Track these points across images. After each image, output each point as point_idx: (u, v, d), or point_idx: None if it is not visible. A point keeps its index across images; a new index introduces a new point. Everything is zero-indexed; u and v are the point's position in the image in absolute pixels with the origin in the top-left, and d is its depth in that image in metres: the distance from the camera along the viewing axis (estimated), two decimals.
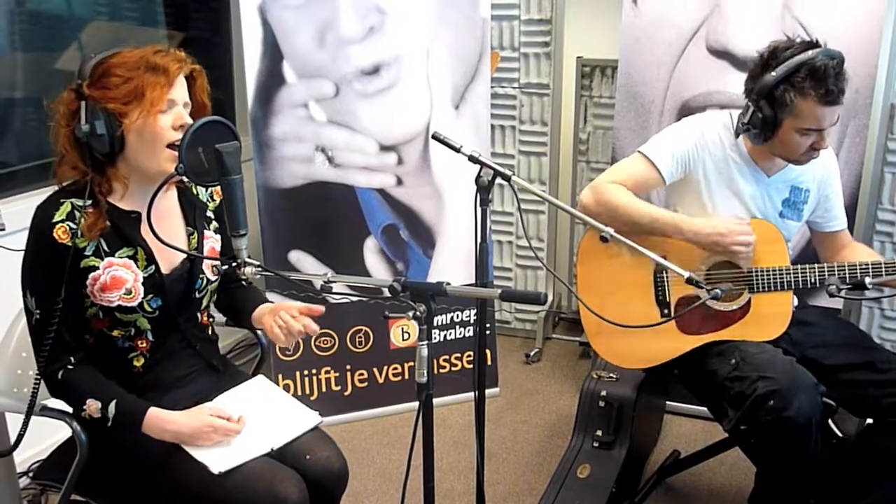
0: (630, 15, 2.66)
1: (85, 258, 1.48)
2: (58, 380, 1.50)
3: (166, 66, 1.47)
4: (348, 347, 2.84)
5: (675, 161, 1.97)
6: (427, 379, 1.36)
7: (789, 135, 1.85)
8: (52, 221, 1.45)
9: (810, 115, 1.80)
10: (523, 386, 3.12)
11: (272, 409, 1.66)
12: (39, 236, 1.46)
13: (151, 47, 1.50)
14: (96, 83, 1.45)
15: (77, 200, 1.47)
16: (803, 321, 2.02)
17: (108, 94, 1.44)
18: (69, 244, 1.45)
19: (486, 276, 1.78)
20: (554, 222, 3.35)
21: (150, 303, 1.54)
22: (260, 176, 2.66)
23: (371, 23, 2.63)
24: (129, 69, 1.45)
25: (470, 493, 2.43)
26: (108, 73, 1.45)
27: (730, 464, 2.51)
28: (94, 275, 1.49)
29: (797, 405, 1.73)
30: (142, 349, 1.58)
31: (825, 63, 1.76)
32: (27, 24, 2.63)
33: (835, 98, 1.78)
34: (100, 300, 1.50)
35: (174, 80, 1.48)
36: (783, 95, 1.80)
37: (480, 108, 2.85)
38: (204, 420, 1.52)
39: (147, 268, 1.54)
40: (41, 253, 1.47)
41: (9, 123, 2.59)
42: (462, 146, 1.72)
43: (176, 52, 1.52)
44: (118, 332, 1.55)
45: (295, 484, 1.49)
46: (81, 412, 1.49)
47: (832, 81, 1.76)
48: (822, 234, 2.12)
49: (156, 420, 1.50)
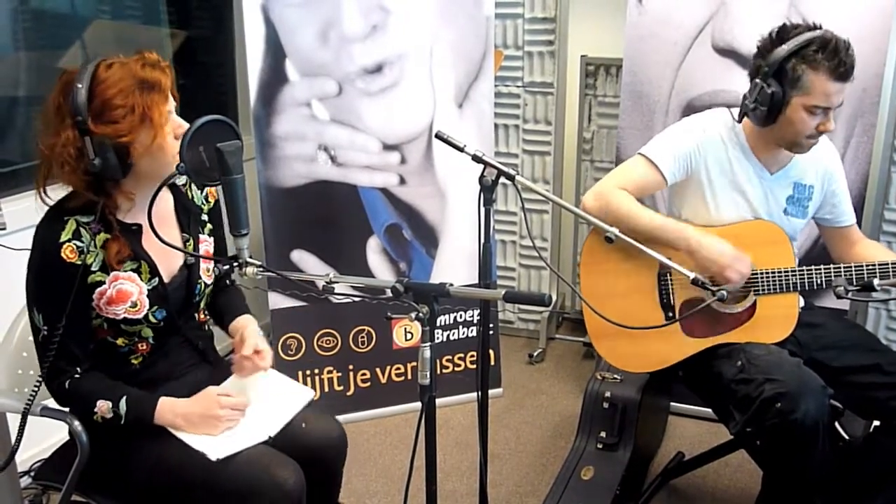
0: (635, 13, 2.64)
1: (91, 273, 1.49)
2: (65, 389, 1.51)
3: (158, 80, 1.45)
4: (351, 347, 2.83)
5: (677, 161, 1.95)
6: (430, 381, 1.35)
7: (797, 113, 1.82)
8: (59, 241, 1.44)
9: (820, 91, 1.78)
10: (526, 386, 3.11)
11: (267, 392, 1.67)
12: (46, 256, 1.45)
13: (133, 59, 1.47)
14: (100, 119, 1.42)
15: (81, 217, 1.47)
16: (810, 323, 2.01)
17: (117, 129, 1.42)
18: (77, 262, 1.45)
19: (490, 276, 1.76)
20: (557, 222, 3.34)
21: (154, 314, 1.56)
22: (262, 175, 2.65)
23: (374, 21, 2.62)
24: (125, 95, 1.42)
25: (473, 494, 2.42)
26: (109, 107, 1.42)
27: (735, 466, 2.50)
28: (101, 289, 1.50)
29: (804, 408, 1.71)
30: (142, 351, 1.60)
31: (836, 37, 1.77)
32: (30, 22, 2.63)
33: (846, 72, 1.76)
34: (105, 313, 1.51)
35: (167, 91, 1.48)
36: (794, 69, 1.78)
37: (484, 107, 2.84)
38: (211, 400, 1.54)
39: (151, 280, 1.55)
40: (48, 272, 1.46)
41: (11, 122, 2.58)
42: (466, 145, 1.71)
43: (157, 60, 1.49)
44: (122, 341, 1.57)
45: (292, 470, 1.51)
46: (93, 416, 1.50)
47: (844, 55, 1.75)
48: (832, 230, 2.09)
49: (167, 408, 1.53)
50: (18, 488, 1.93)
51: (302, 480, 1.51)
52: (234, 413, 1.57)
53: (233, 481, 1.47)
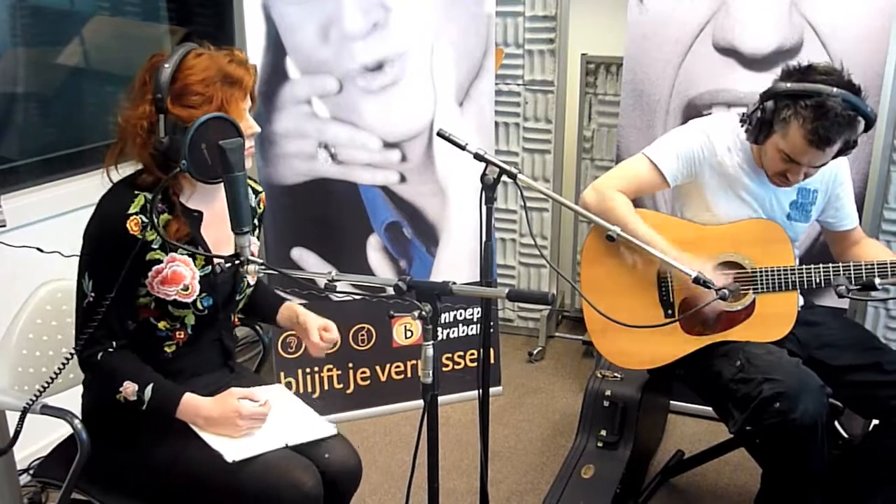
0: (636, 12, 2.64)
1: (152, 251, 1.51)
2: (96, 360, 1.51)
3: (241, 78, 1.50)
4: (351, 345, 2.83)
5: (680, 163, 1.95)
6: (432, 379, 1.35)
7: (772, 150, 1.84)
8: (126, 213, 1.46)
9: (793, 142, 1.78)
10: (526, 385, 3.11)
11: (291, 413, 1.68)
12: (110, 224, 1.47)
13: (222, 53, 1.51)
14: (178, 100, 1.45)
15: (149, 195, 1.49)
16: (810, 321, 2.01)
17: (192, 113, 1.44)
18: (139, 237, 1.47)
19: (491, 274, 1.76)
20: (558, 220, 3.34)
21: (202, 301, 1.58)
22: (262, 172, 2.64)
23: (375, 19, 2.61)
24: (206, 84, 1.46)
25: (473, 492, 2.42)
26: (189, 91, 1.46)
27: (734, 464, 2.50)
28: (158, 267, 1.52)
29: (803, 407, 1.72)
30: (178, 339, 1.60)
31: (836, 105, 1.71)
32: (29, 18, 2.62)
33: (820, 140, 1.74)
34: (157, 292, 1.53)
35: (248, 90, 1.51)
36: (783, 109, 1.79)
37: (484, 105, 2.83)
38: (232, 405, 1.54)
39: (204, 267, 1.57)
40: (109, 240, 1.48)
41: (11, 118, 2.57)
42: (468, 144, 1.71)
43: (245, 60, 1.53)
44: (164, 324, 1.57)
45: (310, 473, 1.51)
46: (117, 393, 1.50)
47: (829, 124, 1.72)
48: (834, 232, 2.10)
49: (190, 406, 1.53)
50: (17, 485, 1.93)
51: (320, 485, 1.51)
52: (255, 422, 1.56)
53: (252, 483, 1.46)
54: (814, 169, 1.84)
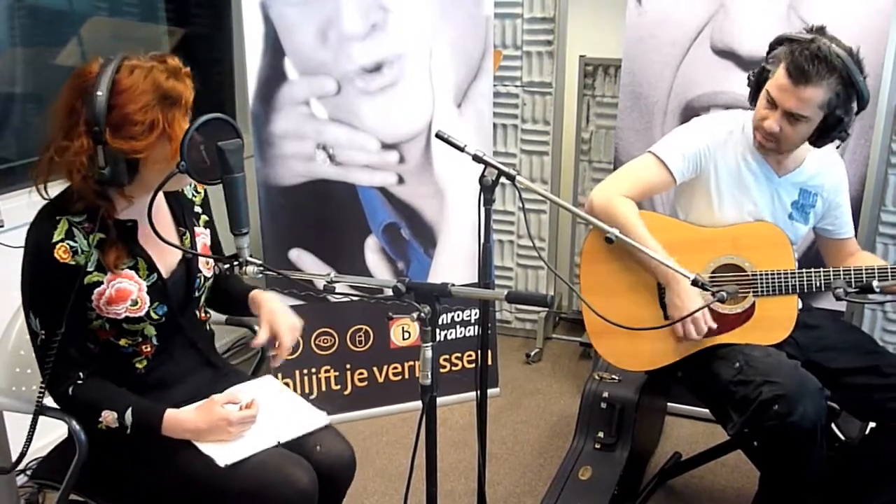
0: (634, 14, 2.64)
1: (88, 274, 1.46)
2: (69, 395, 1.48)
3: (180, 94, 1.43)
4: (348, 346, 2.83)
5: (687, 161, 1.95)
6: (431, 381, 1.35)
7: (761, 98, 1.87)
8: (51, 242, 1.41)
9: (776, 79, 1.81)
10: (524, 386, 3.11)
11: (280, 407, 1.66)
12: (39, 257, 1.42)
13: (156, 63, 1.43)
14: (117, 132, 1.38)
15: (73, 217, 1.44)
16: (808, 324, 2.01)
17: (134, 145, 1.39)
18: (71, 263, 1.42)
19: (489, 276, 1.76)
20: (555, 222, 3.34)
21: (155, 310, 1.54)
22: (261, 173, 2.64)
23: (374, 20, 2.61)
24: (146, 111, 1.39)
25: (470, 493, 2.42)
26: (127, 122, 1.38)
27: (731, 466, 2.50)
28: (100, 290, 1.47)
29: (802, 410, 1.72)
30: (146, 353, 1.57)
31: (822, 46, 1.75)
32: (27, 19, 2.61)
33: (797, 73, 1.75)
34: (106, 313, 1.49)
35: (189, 104, 1.45)
36: (778, 48, 1.84)
37: (483, 107, 2.83)
38: (217, 414, 1.51)
39: (150, 276, 1.53)
40: (43, 274, 1.43)
41: (8, 119, 2.57)
42: (466, 145, 1.70)
43: (179, 68, 1.46)
44: (125, 342, 1.54)
45: (305, 469, 1.50)
46: (98, 425, 1.47)
47: (808, 56, 1.74)
48: (830, 241, 2.10)
49: (173, 421, 1.50)
50: (15, 486, 1.92)
51: (315, 481, 1.50)
52: (243, 426, 1.53)
53: (246, 483, 1.45)
54: (792, 122, 1.81)
